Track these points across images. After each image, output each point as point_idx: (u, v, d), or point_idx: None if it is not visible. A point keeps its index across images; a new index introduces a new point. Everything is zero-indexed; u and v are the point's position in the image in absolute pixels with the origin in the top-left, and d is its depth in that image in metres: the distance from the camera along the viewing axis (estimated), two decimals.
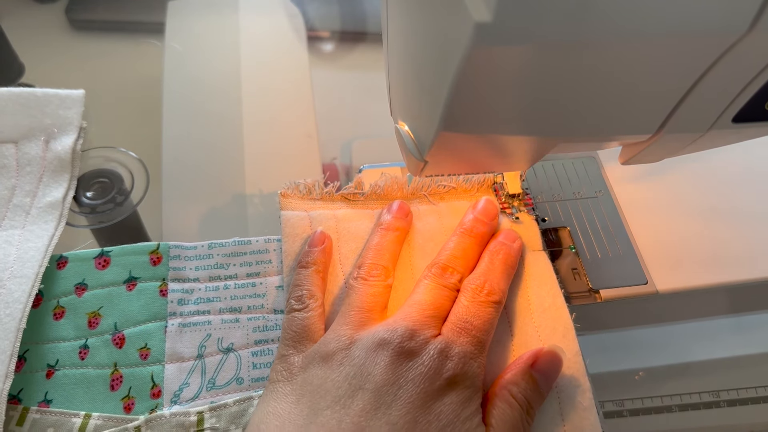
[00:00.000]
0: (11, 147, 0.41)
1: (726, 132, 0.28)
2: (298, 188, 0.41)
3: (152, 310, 0.36)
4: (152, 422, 0.33)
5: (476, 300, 0.33)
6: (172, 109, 0.48)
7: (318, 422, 0.29)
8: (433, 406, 0.29)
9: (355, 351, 0.31)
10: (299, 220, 0.40)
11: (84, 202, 0.42)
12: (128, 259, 0.38)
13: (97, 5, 0.57)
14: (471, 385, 0.31)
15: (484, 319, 0.33)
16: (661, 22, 0.21)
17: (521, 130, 0.28)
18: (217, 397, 0.34)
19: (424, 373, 0.30)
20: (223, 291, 0.38)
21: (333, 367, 0.31)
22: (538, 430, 0.33)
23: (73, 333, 0.35)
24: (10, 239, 0.37)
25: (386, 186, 0.42)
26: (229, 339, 0.36)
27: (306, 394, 0.30)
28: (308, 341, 0.33)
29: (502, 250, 0.37)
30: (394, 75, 0.32)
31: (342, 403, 0.29)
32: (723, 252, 0.41)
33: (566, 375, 0.34)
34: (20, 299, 0.34)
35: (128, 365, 0.35)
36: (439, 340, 0.31)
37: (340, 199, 0.42)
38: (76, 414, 0.33)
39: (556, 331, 0.35)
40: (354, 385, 0.29)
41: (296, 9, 0.56)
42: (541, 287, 0.37)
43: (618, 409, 0.37)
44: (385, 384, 0.29)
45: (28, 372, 0.34)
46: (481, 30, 0.20)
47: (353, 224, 0.40)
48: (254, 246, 0.39)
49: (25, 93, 0.43)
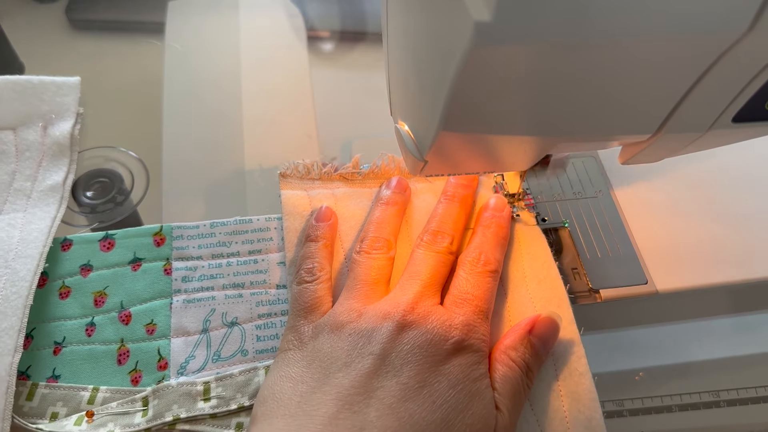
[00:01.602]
0: (10, 133, 0.42)
1: (726, 132, 0.28)
2: (297, 168, 0.42)
3: (157, 288, 0.38)
4: (159, 392, 0.33)
5: (474, 271, 0.35)
6: (172, 108, 0.48)
7: (331, 383, 0.30)
8: (442, 368, 0.30)
9: (362, 323, 0.32)
10: (299, 198, 0.41)
11: (84, 202, 0.42)
12: (132, 241, 0.39)
13: (97, 5, 0.57)
14: (477, 350, 0.32)
15: (484, 288, 0.34)
16: (661, 22, 0.21)
17: (521, 130, 0.28)
18: (223, 368, 0.35)
19: (430, 340, 0.31)
20: (226, 268, 0.39)
21: (343, 336, 0.32)
22: (536, 395, 0.34)
23: (79, 311, 0.36)
24: (12, 222, 0.38)
25: (383, 165, 0.43)
26: (233, 313, 0.37)
27: (317, 359, 0.31)
28: (318, 312, 0.34)
29: (493, 222, 0.38)
30: (394, 75, 0.32)
31: (353, 366, 0.30)
32: (723, 252, 0.41)
33: (562, 343, 0.35)
34: (26, 278, 0.35)
35: (135, 340, 0.36)
36: (441, 311, 0.33)
37: (338, 178, 0.43)
38: (84, 388, 0.34)
39: (551, 301, 0.37)
40: (364, 352, 0.31)
41: (296, 9, 0.56)
42: (536, 260, 0.39)
43: (618, 409, 0.37)
44: (393, 350, 0.30)
45: (35, 349, 0.35)
46: (481, 30, 0.20)
47: (352, 203, 0.41)
48: (255, 224, 0.40)
49: (22, 80, 0.44)
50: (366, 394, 0.29)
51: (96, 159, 0.45)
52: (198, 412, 0.33)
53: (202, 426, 0.33)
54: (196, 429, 0.33)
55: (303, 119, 0.48)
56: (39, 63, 0.47)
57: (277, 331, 0.37)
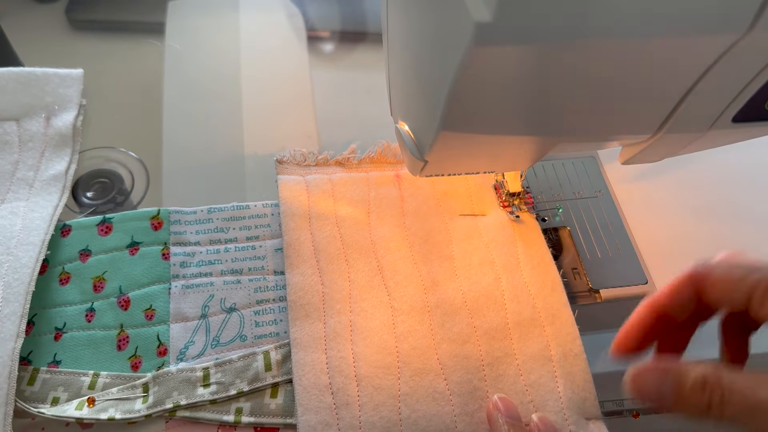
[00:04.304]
0: (13, 124, 0.43)
1: (726, 132, 0.28)
2: (294, 156, 0.43)
3: (155, 273, 0.38)
4: (159, 378, 0.34)
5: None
6: (172, 109, 0.48)
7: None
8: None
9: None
10: (296, 183, 0.41)
11: (84, 202, 0.42)
12: (130, 225, 0.39)
13: (97, 5, 0.57)
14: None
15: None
16: (661, 22, 0.21)
17: (521, 130, 0.28)
18: (222, 353, 0.35)
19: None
20: (224, 254, 0.39)
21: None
22: (532, 375, 0.34)
23: (79, 297, 0.37)
24: (15, 210, 0.39)
25: (379, 151, 0.44)
26: (232, 299, 0.37)
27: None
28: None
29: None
30: (394, 75, 0.32)
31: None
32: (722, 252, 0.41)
33: (557, 324, 0.36)
34: (28, 264, 0.36)
35: (134, 326, 0.36)
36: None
37: (334, 164, 0.44)
38: (85, 373, 0.34)
39: (545, 285, 0.37)
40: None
41: (296, 9, 0.56)
42: (530, 247, 0.39)
43: (618, 409, 0.37)
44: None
45: (36, 335, 0.35)
46: (481, 30, 0.21)
47: (349, 188, 0.42)
48: (253, 210, 0.41)
49: (26, 72, 0.45)
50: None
51: (96, 159, 0.45)
52: (198, 398, 0.33)
53: (201, 412, 0.33)
54: (196, 415, 0.33)
55: (303, 119, 0.48)
56: (39, 63, 0.47)
57: (275, 316, 0.37)
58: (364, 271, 0.38)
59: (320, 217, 0.40)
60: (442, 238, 0.40)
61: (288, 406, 0.34)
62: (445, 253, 0.39)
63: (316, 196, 0.41)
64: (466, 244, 0.40)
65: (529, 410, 0.34)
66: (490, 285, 0.38)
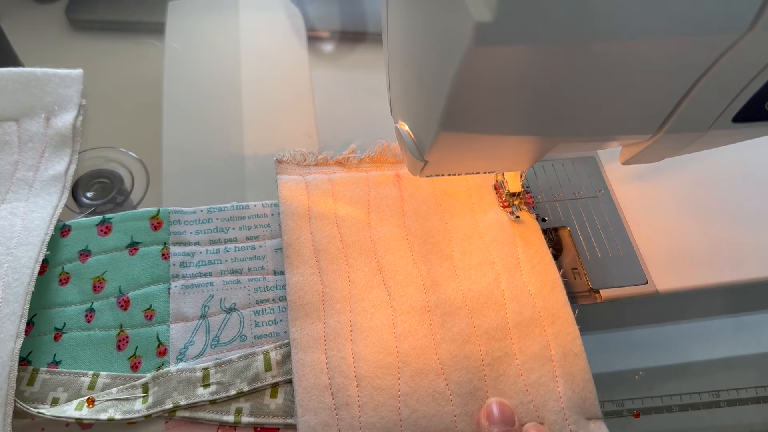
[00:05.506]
0: (13, 124, 0.43)
1: (726, 132, 0.28)
2: (294, 156, 0.43)
3: (155, 273, 0.38)
4: (159, 379, 0.34)
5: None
6: (172, 109, 0.48)
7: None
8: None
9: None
10: (295, 183, 0.41)
11: (84, 203, 0.42)
12: (129, 225, 0.39)
13: (97, 5, 0.57)
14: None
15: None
16: (661, 22, 0.21)
17: (521, 130, 0.28)
18: (222, 353, 0.35)
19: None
20: (224, 254, 0.39)
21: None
22: (532, 375, 0.34)
23: (78, 297, 0.37)
24: (15, 211, 0.39)
25: (379, 151, 0.44)
26: (232, 299, 0.37)
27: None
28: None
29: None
30: (394, 75, 0.32)
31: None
32: (722, 252, 0.41)
33: (557, 324, 0.36)
34: (27, 264, 0.36)
35: (134, 326, 0.36)
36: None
37: (334, 164, 0.44)
38: (85, 374, 0.34)
39: (545, 285, 0.37)
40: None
41: (296, 9, 0.56)
42: (530, 246, 0.39)
43: (618, 409, 0.37)
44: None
45: (36, 335, 0.35)
46: (481, 30, 0.21)
47: (349, 188, 0.42)
48: (252, 210, 0.41)
49: (25, 72, 0.45)
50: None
51: (96, 159, 0.45)
52: (197, 398, 0.33)
53: (201, 412, 0.33)
54: (195, 415, 0.33)
55: (303, 119, 0.48)
56: (39, 63, 0.47)
57: (275, 316, 0.37)
58: (364, 270, 0.38)
59: (320, 216, 0.40)
60: (442, 238, 0.40)
61: (288, 406, 0.34)
62: (445, 253, 0.39)
63: (316, 196, 0.41)
64: (466, 244, 0.40)
65: (529, 410, 0.34)
66: (490, 285, 0.38)
